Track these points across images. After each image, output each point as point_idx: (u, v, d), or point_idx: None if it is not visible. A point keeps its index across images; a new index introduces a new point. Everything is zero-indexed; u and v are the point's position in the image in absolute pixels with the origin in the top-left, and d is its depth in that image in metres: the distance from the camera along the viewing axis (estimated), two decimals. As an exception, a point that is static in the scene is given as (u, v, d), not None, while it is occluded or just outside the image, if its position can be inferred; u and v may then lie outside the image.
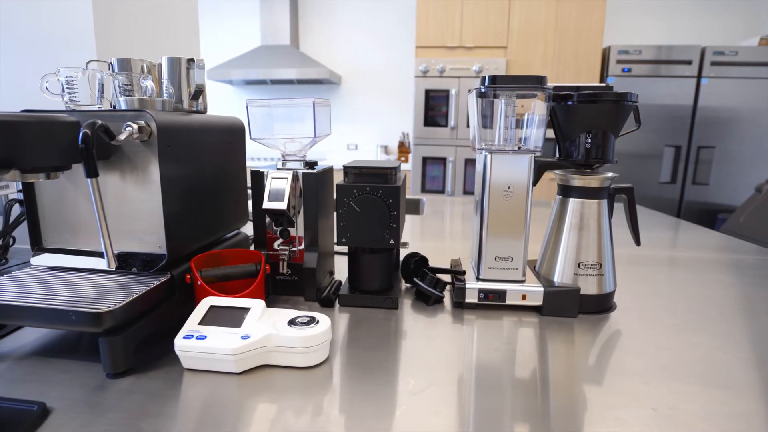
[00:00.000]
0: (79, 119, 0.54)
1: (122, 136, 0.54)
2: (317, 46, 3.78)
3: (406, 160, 3.62)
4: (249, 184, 0.82)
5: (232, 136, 0.77)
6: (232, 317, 0.55)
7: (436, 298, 0.73)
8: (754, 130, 2.91)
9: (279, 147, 0.75)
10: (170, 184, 0.60)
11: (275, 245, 0.74)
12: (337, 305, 0.73)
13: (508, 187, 0.69)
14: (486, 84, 0.67)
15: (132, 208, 0.60)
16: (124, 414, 0.45)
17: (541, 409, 0.47)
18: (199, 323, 0.54)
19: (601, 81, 3.07)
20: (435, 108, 3.10)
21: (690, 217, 3.07)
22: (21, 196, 1.00)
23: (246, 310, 0.56)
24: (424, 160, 3.20)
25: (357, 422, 0.45)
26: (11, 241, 0.93)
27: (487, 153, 0.69)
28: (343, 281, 0.80)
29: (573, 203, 0.73)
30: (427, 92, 3.09)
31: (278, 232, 0.73)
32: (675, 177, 3.04)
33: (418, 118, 3.14)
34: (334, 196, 0.72)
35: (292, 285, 0.75)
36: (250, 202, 0.77)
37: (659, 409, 0.48)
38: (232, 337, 0.52)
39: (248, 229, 1.16)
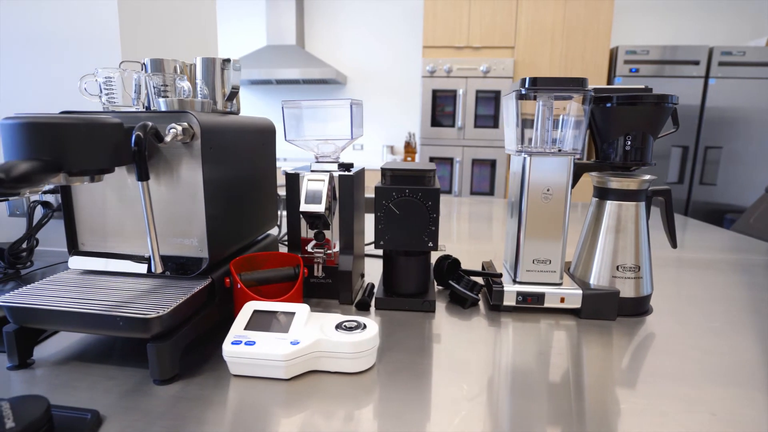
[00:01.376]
0: (122, 121, 0.53)
1: (168, 138, 0.53)
2: (323, 46, 3.77)
3: (413, 160, 3.61)
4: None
5: (264, 137, 0.76)
6: (278, 322, 0.55)
7: (472, 301, 0.73)
8: (762, 130, 2.91)
9: (312, 148, 0.74)
10: (212, 187, 0.59)
11: (308, 248, 0.73)
12: (372, 308, 0.72)
13: (548, 190, 0.69)
14: (526, 85, 0.67)
15: (170, 211, 0.59)
16: (178, 421, 0.44)
17: (597, 413, 0.47)
18: (245, 328, 0.54)
19: (609, 81, 3.07)
20: (442, 108, 3.09)
21: (697, 218, 3.08)
22: (43, 198, 0.99)
23: (291, 314, 0.56)
24: (431, 160, 3.19)
25: (418, 428, 0.44)
26: (35, 243, 0.92)
27: (526, 155, 0.68)
28: (375, 284, 0.79)
29: (610, 205, 0.72)
30: (434, 92, 3.08)
31: (313, 235, 0.72)
32: (682, 177, 3.05)
33: (425, 118, 3.13)
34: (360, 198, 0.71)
35: (325, 288, 0.74)
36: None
37: (718, 414, 0.47)
38: (282, 343, 0.51)
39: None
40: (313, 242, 0.73)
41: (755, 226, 2.03)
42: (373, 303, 0.73)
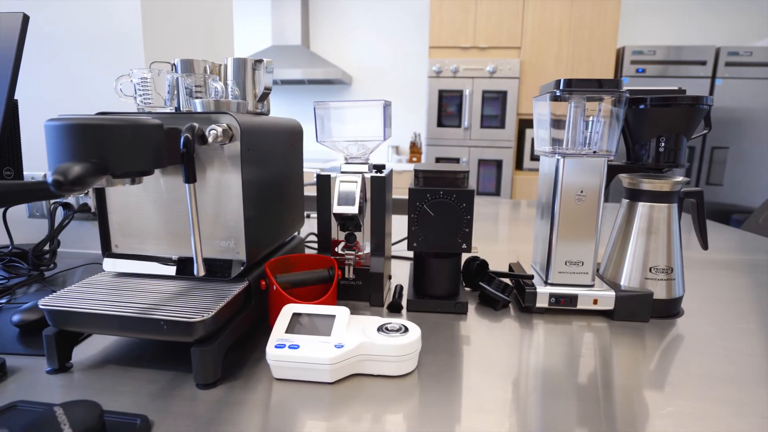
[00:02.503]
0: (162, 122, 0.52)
1: (209, 140, 0.52)
2: (328, 46, 3.76)
3: (419, 161, 3.61)
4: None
5: (293, 138, 0.76)
6: (319, 325, 0.54)
7: (504, 302, 0.72)
8: (768, 130, 2.92)
9: (342, 149, 0.74)
10: (249, 188, 0.58)
11: (338, 249, 0.73)
12: (403, 310, 0.72)
13: (581, 191, 0.69)
14: (561, 87, 0.66)
15: (206, 212, 0.59)
16: (227, 426, 0.44)
17: (645, 416, 0.46)
18: (286, 331, 0.53)
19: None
20: (448, 108, 3.09)
21: (702, 218, 3.07)
22: (63, 200, 0.99)
23: (332, 317, 0.55)
24: (437, 160, 3.19)
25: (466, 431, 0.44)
26: (57, 244, 0.91)
27: (559, 157, 0.68)
28: (401, 285, 0.79)
29: (642, 207, 0.72)
30: (441, 92, 3.08)
31: (344, 237, 0.72)
32: (689, 177, 3.05)
33: (431, 118, 3.13)
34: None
35: (355, 290, 0.74)
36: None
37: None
38: (326, 346, 0.50)
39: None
40: (342, 244, 0.73)
41: (764, 226, 2.03)
42: (405, 305, 0.72)
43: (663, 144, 0.69)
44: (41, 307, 0.51)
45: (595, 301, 0.70)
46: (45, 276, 0.85)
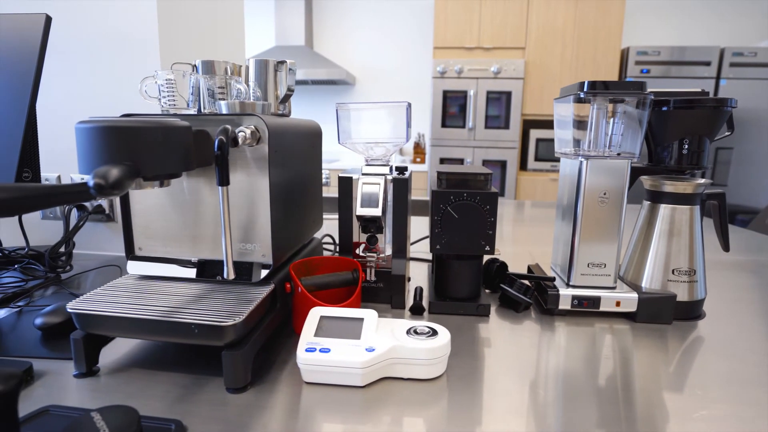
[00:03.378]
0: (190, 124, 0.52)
1: (239, 142, 0.52)
2: (331, 46, 3.76)
3: (422, 161, 3.61)
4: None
5: (313, 139, 0.75)
6: (348, 328, 0.54)
7: (526, 305, 0.72)
8: (772, 131, 2.93)
9: (363, 151, 0.74)
10: (276, 190, 0.58)
11: (359, 251, 0.73)
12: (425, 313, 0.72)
13: (604, 194, 0.68)
14: (585, 89, 0.66)
15: (232, 215, 0.58)
16: (261, 431, 0.44)
17: (680, 418, 0.46)
18: (315, 335, 0.53)
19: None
20: (452, 109, 3.09)
21: (708, 218, 3.08)
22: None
23: (360, 320, 0.55)
24: (441, 161, 3.19)
25: (504, 438, 0.43)
26: (72, 246, 0.91)
27: (583, 159, 0.68)
28: (418, 287, 0.79)
29: (664, 209, 0.72)
30: (445, 93, 3.08)
31: (366, 239, 0.71)
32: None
33: (436, 119, 3.13)
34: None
35: (375, 292, 0.74)
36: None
37: (803, 421, 0.47)
38: (357, 350, 0.50)
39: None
40: (363, 245, 0.73)
41: (771, 227, 2.03)
42: (426, 307, 0.72)
43: (686, 146, 0.68)
44: (69, 310, 0.51)
45: (618, 303, 0.70)
46: (61, 278, 0.84)
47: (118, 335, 0.52)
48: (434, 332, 0.54)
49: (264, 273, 0.58)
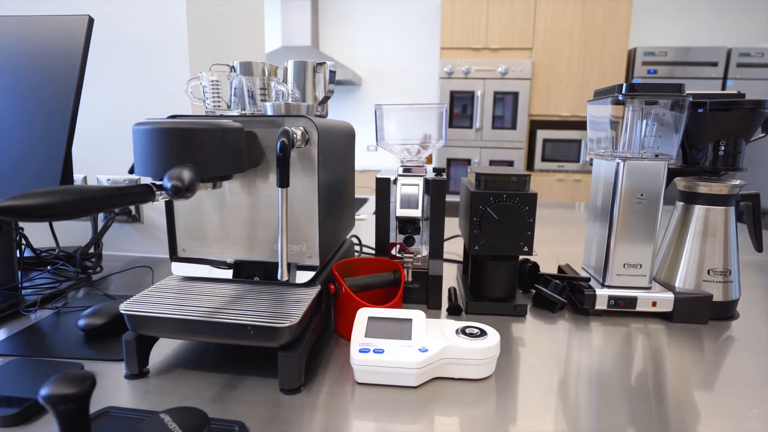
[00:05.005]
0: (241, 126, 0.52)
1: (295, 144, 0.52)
2: (338, 47, 3.76)
3: (429, 161, 3.61)
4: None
5: (350, 140, 0.76)
6: (398, 329, 0.54)
7: (561, 304, 0.73)
8: (778, 131, 2.94)
9: (398, 152, 0.74)
10: (324, 192, 0.58)
11: (394, 252, 0.73)
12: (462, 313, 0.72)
13: (641, 195, 0.69)
14: (624, 91, 0.67)
15: (275, 216, 0.58)
16: None
17: (735, 418, 0.47)
18: (365, 336, 0.53)
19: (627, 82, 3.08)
20: (459, 109, 3.09)
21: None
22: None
23: (408, 321, 0.55)
24: (449, 162, 3.19)
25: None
26: (101, 247, 0.91)
27: (620, 160, 0.68)
28: (450, 287, 0.79)
29: (698, 210, 0.72)
30: (452, 93, 3.08)
31: (403, 240, 0.72)
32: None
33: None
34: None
35: (411, 292, 0.74)
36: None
37: None
38: (410, 350, 0.50)
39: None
40: (398, 246, 0.73)
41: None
42: (464, 308, 0.72)
43: (722, 148, 0.69)
44: (122, 312, 0.51)
45: (654, 304, 0.70)
46: (92, 279, 0.84)
47: (170, 336, 0.52)
48: (483, 333, 0.54)
49: (311, 274, 0.58)
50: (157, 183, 0.47)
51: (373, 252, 1.04)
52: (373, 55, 3.73)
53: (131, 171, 0.60)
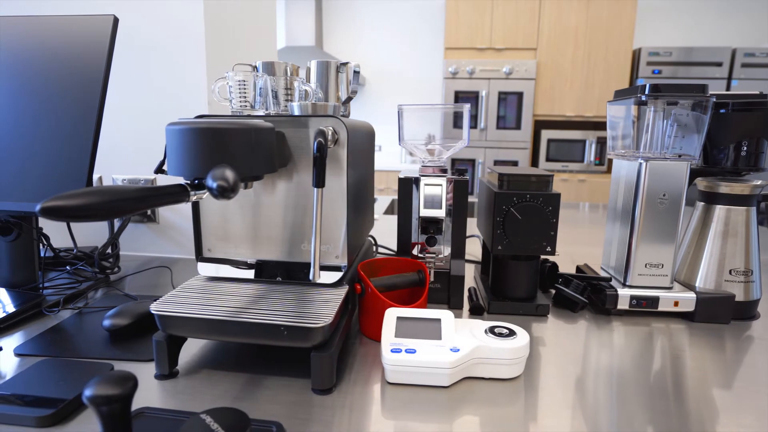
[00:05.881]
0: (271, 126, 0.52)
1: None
2: (341, 47, 3.76)
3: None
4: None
5: (371, 140, 0.76)
6: (427, 329, 0.54)
7: (583, 304, 0.73)
8: (782, 131, 2.94)
9: (420, 152, 0.74)
10: (351, 192, 0.58)
11: (415, 252, 0.73)
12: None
13: (664, 195, 0.69)
14: (647, 92, 0.67)
15: (302, 216, 0.58)
16: (359, 432, 0.44)
17: (759, 417, 0.47)
18: (396, 336, 0.53)
19: (631, 83, 3.08)
20: (463, 109, 3.10)
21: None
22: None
23: (437, 321, 0.55)
24: (453, 161, 3.20)
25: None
26: (118, 247, 0.91)
27: (642, 161, 0.68)
28: (476, 288, 0.79)
29: (719, 210, 0.72)
30: (457, 93, 3.09)
31: (425, 240, 0.72)
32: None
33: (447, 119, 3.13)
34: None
35: (432, 292, 0.74)
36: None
37: None
38: (441, 350, 0.50)
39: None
40: (418, 246, 0.73)
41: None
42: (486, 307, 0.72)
43: (745, 148, 0.69)
44: (153, 312, 0.51)
45: (676, 303, 0.70)
46: (110, 279, 0.84)
47: (201, 337, 0.52)
48: (512, 332, 0.54)
49: (338, 274, 0.58)
50: (192, 183, 0.47)
51: (389, 252, 1.04)
52: (377, 56, 3.73)
53: (158, 171, 0.61)
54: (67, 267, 0.83)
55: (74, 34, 0.62)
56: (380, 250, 1.06)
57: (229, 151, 0.45)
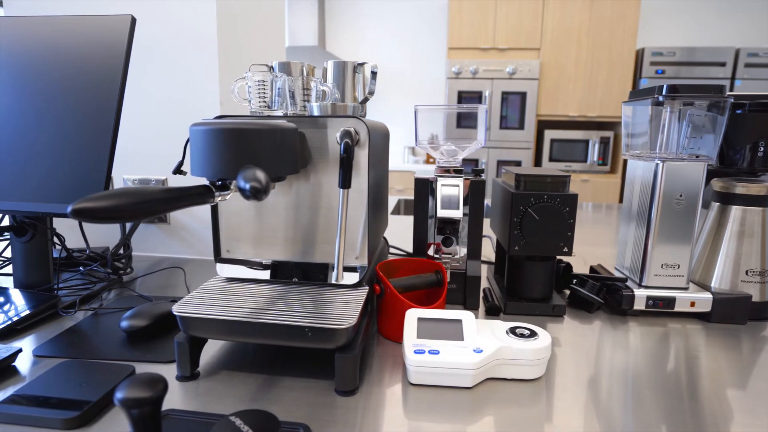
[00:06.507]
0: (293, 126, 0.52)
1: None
2: (344, 46, 3.76)
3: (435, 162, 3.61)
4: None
5: (386, 141, 0.76)
6: (448, 330, 0.54)
7: (598, 305, 0.73)
8: (784, 131, 2.95)
9: (434, 153, 0.74)
10: (370, 193, 0.58)
11: (431, 253, 0.73)
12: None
13: (680, 195, 0.69)
14: (664, 93, 0.67)
15: (327, 217, 0.58)
16: (386, 433, 0.44)
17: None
18: (418, 337, 0.53)
19: (635, 83, 3.09)
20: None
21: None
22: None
23: (458, 321, 0.55)
24: (455, 161, 3.20)
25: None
26: (130, 248, 0.90)
27: (659, 161, 0.68)
28: (491, 288, 0.79)
29: (735, 211, 0.72)
30: (460, 93, 3.09)
31: (441, 240, 0.72)
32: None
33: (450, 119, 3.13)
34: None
35: (448, 293, 0.74)
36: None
37: None
38: (465, 351, 0.50)
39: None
40: (434, 246, 0.73)
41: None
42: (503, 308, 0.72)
43: (762, 148, 0.69)
44: (175, 314, 0.51)
45: (693, 304, 0.70)
46: (123, 280, 0.84)
47: (223, 338, 0.52)
48: (533, 333, 0.54)
49: (358, 275, 0.58)
50: (215, 183, 0.47)
51: (400, 252, 1.04)
52: (380, 56, 3.73)
53: (176, 171, 0.60)
54: (81, 268, 0.82)
55: (92, 35, 0.61)
56: (391, 250, 1.06)
57: (255, 152, 0.45)
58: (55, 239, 0.78)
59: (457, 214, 0.66)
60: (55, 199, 0.63)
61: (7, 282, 0.81)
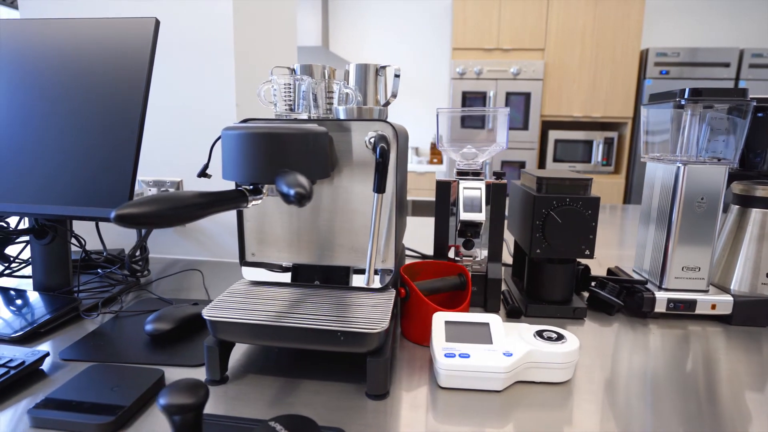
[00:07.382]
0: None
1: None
2: (348, 47, 3.75)
3: (440, 162, 3.61)
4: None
5: (407, 144, 0.76)
6: (477, 333, 0.54)
7: (618, 307, 0.73)
8: (788, 132, 2.95)
9: (458, 156, 0.74)
10: (397, 196, 0.58)
11: (451, 255, 0.73)
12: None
13: (702, 198, 0.69)
14: (687, 96, 0.67)
15: (354, 220, 0.58)
16: (420, 437, 0.44)
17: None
18: (446, 341, 0.53)
19: (639, 83, 3.09)
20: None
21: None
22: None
23: (485, 325, 0.55)
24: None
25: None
26: (147, 250, 0.90)
27: (680, 164, 0.69)
28: (510, 291, 0.79)
29: (756, 213, 0.72)
30: (464, 94, 3.09)
31: (462, 243, 0.72)
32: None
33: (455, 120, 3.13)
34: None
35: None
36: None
37: None
38: (495, 354, 0.50)
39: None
40: (454, 249, 0.73)
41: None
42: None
43: (783, 151, 0.69)
44: (206, 318, 0.50)
45: (714, 306, 0.70)
46: (141, 282, 0.84)
47: (254, 342, 0.52)
48: (560, 336, 0.54)
49: (386, 278, 0.58)
50: (249, 188, 0.47)
51: (415, 254, 1.04)
52: (384, 56, 3.72)
53: (201, 174, 0.60)
54: (99, 270, 0.82)
55: (116, 37, 0.61)
56: (408, 253, 1.06)
57: (288, 156, 0.45)
58: (75, 241, 0.78)
59: (480, 216, 0.66)
60: (79, 202, 0.63)
61: (25, 284, 0.80)
